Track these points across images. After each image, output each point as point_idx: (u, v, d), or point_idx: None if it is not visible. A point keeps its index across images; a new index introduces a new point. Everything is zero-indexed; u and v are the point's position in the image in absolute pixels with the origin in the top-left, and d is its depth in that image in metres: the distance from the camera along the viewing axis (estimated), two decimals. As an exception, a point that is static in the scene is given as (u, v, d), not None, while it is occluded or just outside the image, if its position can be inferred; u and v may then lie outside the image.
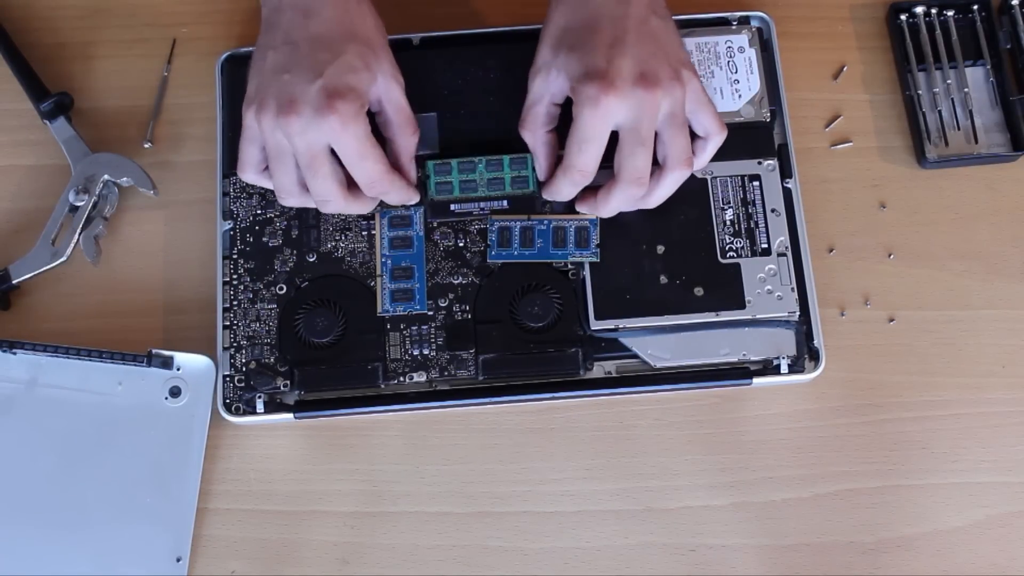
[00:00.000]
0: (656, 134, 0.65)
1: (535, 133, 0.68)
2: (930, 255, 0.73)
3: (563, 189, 0.68)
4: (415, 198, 0.70)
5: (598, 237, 0.70)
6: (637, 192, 0.67)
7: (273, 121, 0.63)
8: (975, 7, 0.76)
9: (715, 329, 0.69)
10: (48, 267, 0.71)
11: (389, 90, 0.66)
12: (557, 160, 0.68)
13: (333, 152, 0.64)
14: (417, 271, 0.70)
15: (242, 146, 0.67)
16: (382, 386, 0.69)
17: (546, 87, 0.66)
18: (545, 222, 0.70)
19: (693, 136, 0.67)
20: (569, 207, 0.70)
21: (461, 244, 0.71)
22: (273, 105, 0.63)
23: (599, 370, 0.69)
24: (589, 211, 0.70)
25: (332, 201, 0.66)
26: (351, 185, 0.67)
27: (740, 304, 0.69)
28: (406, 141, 0.68)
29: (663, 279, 0.69)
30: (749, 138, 0.72)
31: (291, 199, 0.67)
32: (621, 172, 0.66)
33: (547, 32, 0.67)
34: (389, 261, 0.70)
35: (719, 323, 0.69)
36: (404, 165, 0.69)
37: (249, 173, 0.68)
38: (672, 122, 0.65)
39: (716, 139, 0.68)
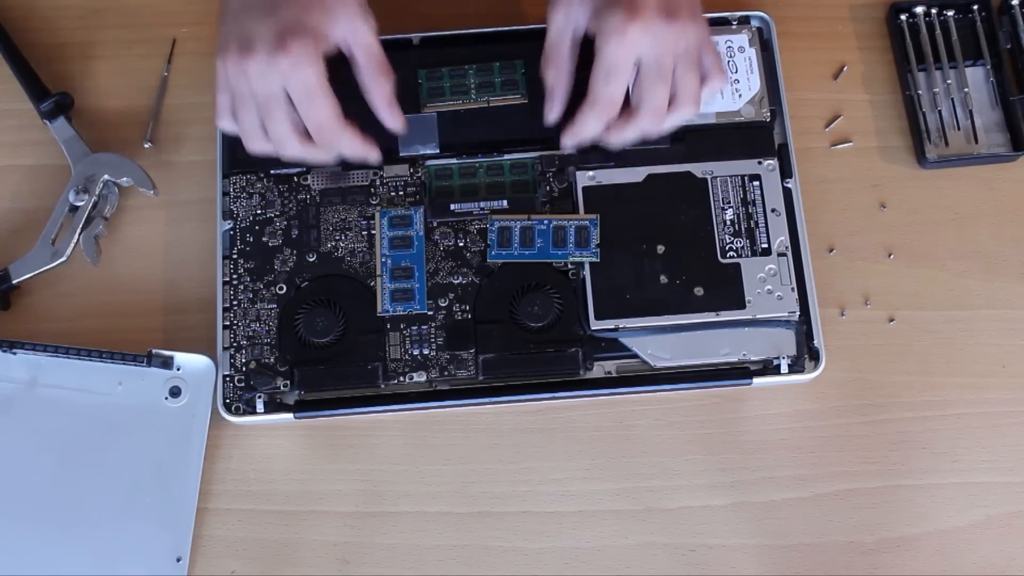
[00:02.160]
0: None
1: (561, 69, 0.67)
2: (930, 255, 0.73)
3: (589, 125, 0.67)
4: (374, 156, 0.68)
5: (598, 237, 0.70)
6: (654, 126, 0.67)
7: (235, 65, 0.63)
8: (975, 7, 0.76)
9: (715, 329, 0.69)
10: (48, 267, 0.71)
11: (356, 31, 0.64)
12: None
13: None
14: (417, 271, 0.70)
15: (216, 95, 0.66)
16: (382, 386, 0.69)
17: (568, 20, 0.66)
18: (545, 222, 0.70)
19: None
20: (564, 206, 0.70)
21: (461, 244, 0.71)
22: (234, 48, 0.63)
23: (599, 370, 0.69)
24: (607, 141, 0.68)
25: (287, 145, 0.65)
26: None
27: (740, 304, 0.69)
28: (378, 86, 0.66)
29: (663, 279, 0.69)
30: (749, 138, 0.72)
31: (256, 143, 0.66)
32: (642, 106, 0.66)
33: None
34: (389, 261, 0.70)
35: (719, 323, 0.69)
36: (380, 112, 0.67)
37: (224, 120, 0.67)
38: (687, 59, 0.65)
39: (717, 82, 0.68)
